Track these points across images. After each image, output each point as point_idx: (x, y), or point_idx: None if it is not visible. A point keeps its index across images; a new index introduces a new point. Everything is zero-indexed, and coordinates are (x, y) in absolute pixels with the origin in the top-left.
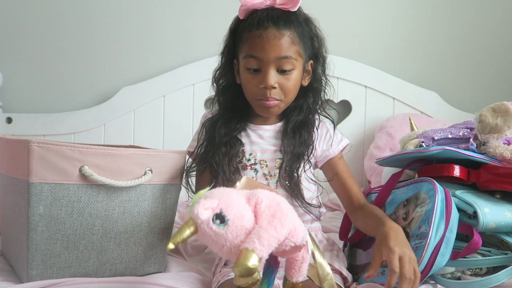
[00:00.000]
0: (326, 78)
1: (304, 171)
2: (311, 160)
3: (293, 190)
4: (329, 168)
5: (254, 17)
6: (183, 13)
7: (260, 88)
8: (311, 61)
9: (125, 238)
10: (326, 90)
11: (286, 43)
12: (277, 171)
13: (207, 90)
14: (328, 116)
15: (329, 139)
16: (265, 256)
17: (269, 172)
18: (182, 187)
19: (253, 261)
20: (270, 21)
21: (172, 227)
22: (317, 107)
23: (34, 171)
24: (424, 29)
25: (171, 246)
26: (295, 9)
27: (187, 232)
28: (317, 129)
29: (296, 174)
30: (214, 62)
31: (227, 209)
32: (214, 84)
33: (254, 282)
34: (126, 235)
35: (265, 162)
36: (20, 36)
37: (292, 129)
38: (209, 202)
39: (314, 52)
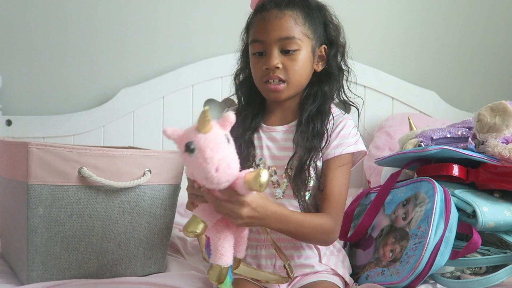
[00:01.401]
0: (346, 65)
1: (314, 162)
2: (322, 151)
3: (297, 184)
4: (323, 169)
5: (260, 3)
6: (182, 14)
7: (264, 70)
8: (324, 46)
9: (125, 239)
10: (347, 78)
11: (288, 23)
12: (285, 180)
13: (206, 91)
14: (349, 101)
15: (335, 138)
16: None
17: (277, 180)
18: (182, 188)
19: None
20: (273, 3)
21: (171, 227)
22: (335, 94)
23: (33, 173)
24: (423, 28)
25: None
26: None
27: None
28: (333, 118)
29: (306, 169)
30: (212, 63)
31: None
32: (234, 81)
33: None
34: (125, 236)
35: (274, 169)
36: (19, 39)
37: (306, 119)
38: None
39: (329, 39)
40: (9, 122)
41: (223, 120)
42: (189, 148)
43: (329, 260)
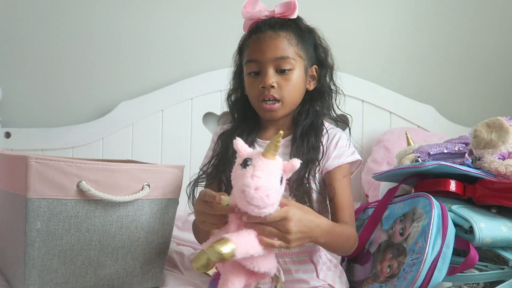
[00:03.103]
0: (335, 85)
1: (314, 174)
2: (320, 164)
3: (303, 199)
4: (327, 180)
5: (254, 26)
6: (182, 28)
7: (260, 89)
8: (315, 66)
9: (123, 253)
10: (336, 98)
11: (282, 43)
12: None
13: (205, 104)
14: (339, 119)
15: (334, 150)
16: (238, 255)
17: None
18: (180, 202)
19: (227, 249)
20: (267, 25)
21: (169, 242)
22: (326, 111)
23: (32, 187)
24: (421, 43)
25: None
26: (294, 16)
27: None
28: (327, 131)
29: (306, 182)
30: (212, 76)
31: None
32: (227, 100)
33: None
34: (123, 250)
35: None
36: (19, 51)
37: (300, 135)
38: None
39: (320, 60)
40: (8, 135)
41: (289, 163)
42: (245, 163)
43: (326, 276)
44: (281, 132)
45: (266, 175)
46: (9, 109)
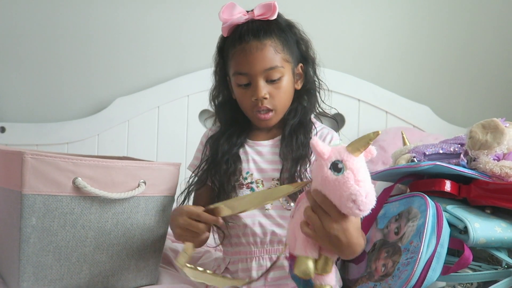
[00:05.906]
0: (318, 78)
1: (305, 170)
2: (311, 159)
3: (296, 196)
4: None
5: (235, 32)
6: (178, 25)
7: (252, 101)
8: (300, 64)
9: (118, 250)
10: (321, 91)
11: (269, 52)
12: None
13: (202, 101)
14: (327, 114)
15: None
16: None
17: None
18: (176, 200)
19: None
20: (251, 34)
21: (165, 239)
22: (313, 107)
23: (27, 183)
24: (418, 43)
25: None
26: (274, 17)
27: None
28: (315, 128)
29: (298, 179)
30: (208, 73)
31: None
32: (212, 103)
33: None
34: (118, 247)
35: (261, 181)
36: (14, 46)
37: (289, 133)
38: None
39: (302, 55)
40: (2, 129)
41: (368, 152)
42: (336, 167)
43: None
44: (379, 131)
45: (365, 175)
46: (4, 103)
